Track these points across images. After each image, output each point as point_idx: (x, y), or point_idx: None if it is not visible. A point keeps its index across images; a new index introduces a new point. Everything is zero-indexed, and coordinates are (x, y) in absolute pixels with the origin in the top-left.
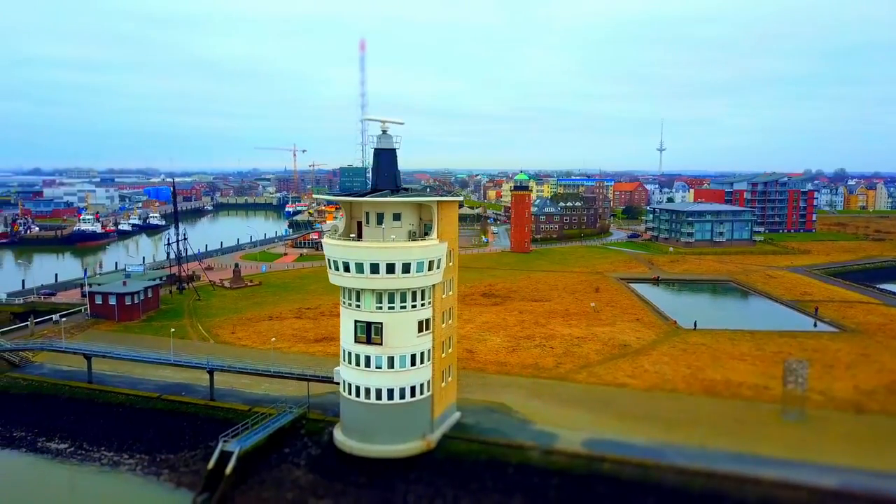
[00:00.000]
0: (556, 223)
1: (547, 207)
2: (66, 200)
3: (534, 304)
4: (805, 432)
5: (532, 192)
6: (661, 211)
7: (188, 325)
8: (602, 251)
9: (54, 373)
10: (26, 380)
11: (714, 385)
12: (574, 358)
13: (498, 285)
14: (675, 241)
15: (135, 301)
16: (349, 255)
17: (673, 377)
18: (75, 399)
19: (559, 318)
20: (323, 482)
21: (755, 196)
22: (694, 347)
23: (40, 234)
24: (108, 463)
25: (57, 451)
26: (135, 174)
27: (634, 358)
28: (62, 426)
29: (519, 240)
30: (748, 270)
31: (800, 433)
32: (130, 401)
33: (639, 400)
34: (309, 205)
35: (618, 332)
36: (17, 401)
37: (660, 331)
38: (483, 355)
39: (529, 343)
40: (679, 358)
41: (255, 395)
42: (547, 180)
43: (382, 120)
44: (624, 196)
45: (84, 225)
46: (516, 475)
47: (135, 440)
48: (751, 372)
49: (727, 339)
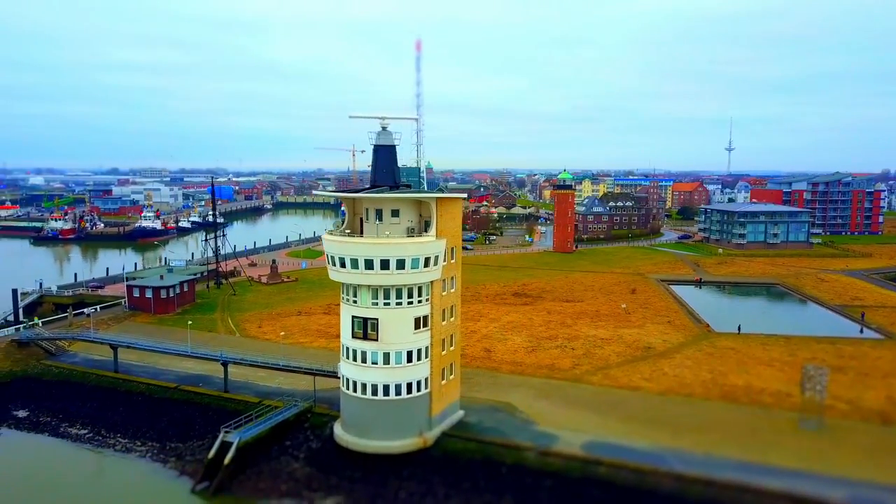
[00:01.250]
0: (605, 223)
1: (595, 207)
2: (133, 198)
3: (564, 305)
4: (821, 442)
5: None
6: (713, 211)
7: (219, 318)
8: (648, 252)
9: (85, 362)
10: (58, 367)
11: (733, 390)
12: (593, 359)
13: (532, 285)
14: (727, 242)
15: (170, 295)
16: (345, 251)
17: (691, 381)
18: (101, 387)
19: (587, 319)
20: (318, 475)
21: (815, 197)
22: (721, 351)
23: (104, 231)
24: (121, 449)
25: (77, 437)
26: (204, 174)
27: (656, 361)
28: (85, 412)
29: (561, 239)
30: (799, 273)
31: (815, 443)
32: (150, 390)
33: (650, 403)
34: None
35: (645, 334)
36: (48, 387)
37: (689, 334)
38: (500, 355)
39: (550, 343)
40: (703, 362)
41: (267, 388)
42: (604, 180)
43: (374, 116)
44: (683, 196)
45: (145, 222)
46: (509, 476)
47: (149, 428)
48: (776, 378)
49: (759, 343)
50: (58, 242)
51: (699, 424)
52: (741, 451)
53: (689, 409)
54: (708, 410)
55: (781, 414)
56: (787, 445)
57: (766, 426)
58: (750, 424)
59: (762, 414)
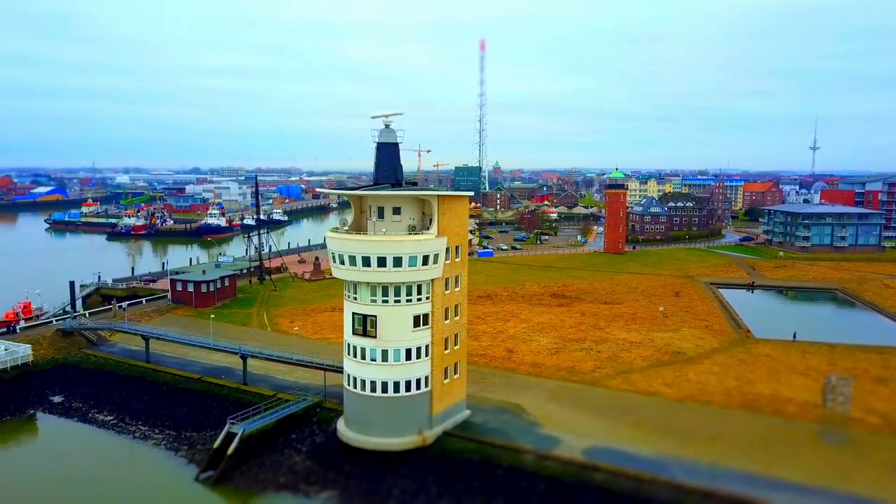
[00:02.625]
0: (663, 224)
1: (653, 207)
2: (203, 196)
3: (602, 307)
4: (840, 457)
5: (651, 191)
6: (776, 213)
7: (255, 313)
8: (704, 254)
9: (122, 351)
10: (96, 356)
11: (756, 399)
12: (617, 363)
13: (573, 286)
14: (790, 245)
15: (210, 289)
16: (344, 248)
17: (714, 389)
18: (131, 376)
19: (621, 322)
20: (318, 469)
21: (892, 198)
22: (755, 358)
23: (173, 227)
24: (140, 436)
25: (102, 423)
26: (279, 173)
27: (682, 366)
28: (113, 400)
29: (612, 240)
30: (864, 279)
31: (834, 457)
32: (175, 380)
33: (665, 410)
34: None
35: (678, 338)
36: (84, 374)
37: (725, 339)
38: (522, 356)
39: (576, 346)
40: (732, 369)
41: (284, 382)
42: (670, 180)
43: (386, 114)
44: (754, 197)
45: (210, 219)
46: (504, 478)
47: (168, 417)
48: (807, 388)
49: (799, 351)
50: (130, 238)
51: (711, 433)
52: (750, 462)
53: (704, 417)
54: (724, 419)
55: (803, 426)
56: (802, 459)
57: (782, 438)
58: (766, 435)
59: (782, 425)
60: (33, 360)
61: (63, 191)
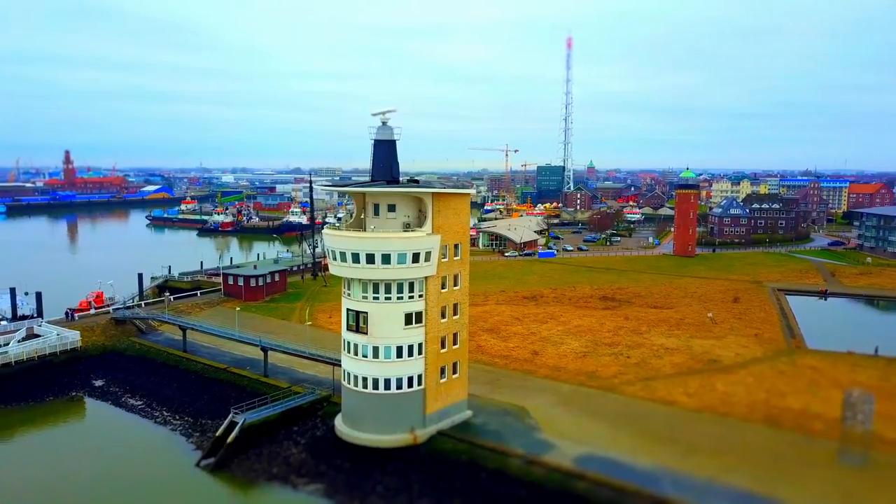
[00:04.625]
0: (743, 226)
1: (733, 209)
2: (291, 195)
3: (649, 311)
4: (856, 480)
5: (744, 192)
6: (869, 216)
7: (299, 308)
8: (781, 259)
9: (165, 341)
10: (141, 345)
11: (782, 414)
12: (643, 369)
13: (628, 289)
14: (882, 250)
15: (259, 284)
16: (335, 245)
17: (738, 400)
18: (166, 365)
19: (664, 327)
20: (310, 462)
21: None
22: (797, 370)
23: (257, 224)
24: (161, 421)
25: (131, 407)
26: None
27: (711, 375)
28: (146, 386)
29: (681, 242)
30: None
31: (848, 480)
32: (203, 370)
33: (677, 420)
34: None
35: (720, 346)
36: (127, 361)
37: (771, 349)
38: (545, 358)
39: (607, 350)
40: (766, 380)
41: (303, 375)
42: (766, 180)
43: (389, 111)
44: (860, 199)
45: (292, 217)
46: (487, 481)
47: (190, 404)
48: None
49: (849, 364)
50: (218, 234)
51: (719, 446)
52: (751, 480)
53: (716, 430)
54: (738, 432)
55: (824, 444)
56: (811, 480)
57: (797, 455)
58: (779, 452)
59: (801, 442)
60: (84, 345)
61: (170, 189)
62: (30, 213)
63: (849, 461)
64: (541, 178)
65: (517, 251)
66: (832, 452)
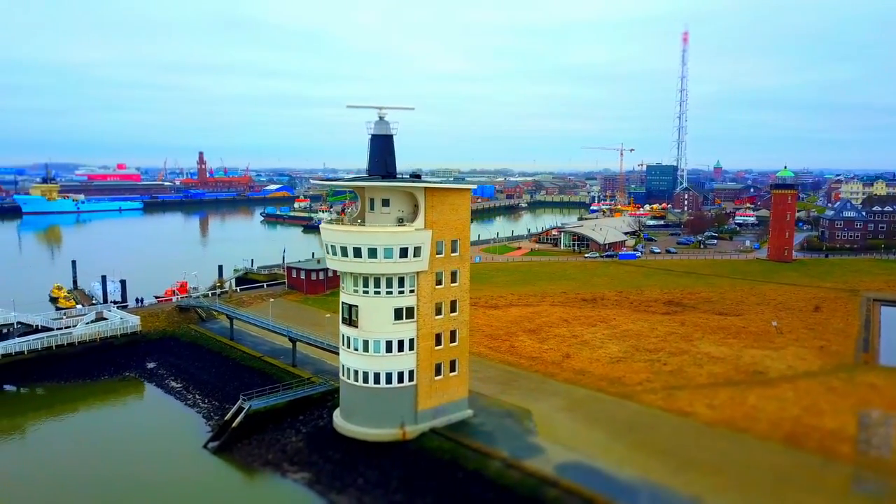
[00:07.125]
0: (858, 230)
1: (846, 211)
2: None
3: (713, 318)
4: None
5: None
6: None
7: None
8: (893, 266)
9: (219, 329)
10: (195, 331)
11: (808, 433)
12: (675, 378)
13: (699, 294)
14: None
15: (319, 277)
16: (328, 238)
17: (766, 416)
18: (212, 351)
19: (721, 335)
20: (305, 451)
21: None
22: (852, 388)
23: None
24: (191, 403)
25: (170, 388)
26: (491, 174)
27: (747, 388)
28: (189, 370)
29: (777, 246)
30: None
31: None
32: (241, 357)
33: (685, 432)
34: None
35: (774, 357)
36: (180, 347)
37: (832, 363)
38: (574, 362)
39: (645, 356)
40: (809, 396)
41: (328, 367)
42: None
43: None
44: None
45: None
46: (461, 481)
47: (219, 389)
48: None
49: None
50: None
51: (719, 464)
52: (742, 502)
53: (724, 445)
54: (749, 450)
55: (842, 468)
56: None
57: (804, 479)
58: (785, 475)
59: (817, 465)
60: (145, 330)
61: (290, 188)
62: (164, 210)
63: (863, 489)
64: (650, 177)
65: (598, 252)
66: (847, 478)
